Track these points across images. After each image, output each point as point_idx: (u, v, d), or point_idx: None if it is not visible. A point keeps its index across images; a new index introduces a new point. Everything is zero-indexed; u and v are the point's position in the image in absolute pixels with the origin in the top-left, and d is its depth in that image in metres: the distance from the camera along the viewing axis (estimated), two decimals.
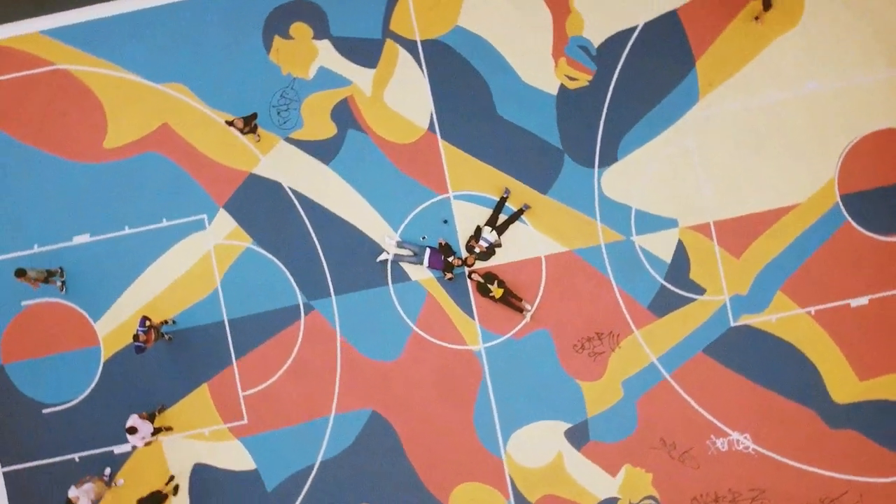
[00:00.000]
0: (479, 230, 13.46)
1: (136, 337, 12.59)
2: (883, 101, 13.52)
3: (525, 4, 13.82)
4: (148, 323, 12.82)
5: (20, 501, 13.71)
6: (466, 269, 13.56)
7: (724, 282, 13.54)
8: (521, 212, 13.60)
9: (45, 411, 13.79)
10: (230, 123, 13.06)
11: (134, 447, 13.69)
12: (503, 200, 13.58)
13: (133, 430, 12.62)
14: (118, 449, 13.73)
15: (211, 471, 13.73)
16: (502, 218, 13.58)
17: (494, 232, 13.42)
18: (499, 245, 13.52)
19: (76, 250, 13.87)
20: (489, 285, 13.23)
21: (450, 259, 13.26)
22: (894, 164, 13.44)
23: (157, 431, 13.24)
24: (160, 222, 13.83)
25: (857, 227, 13.49)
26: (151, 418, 13.21)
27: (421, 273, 13.72)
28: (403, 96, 13.86)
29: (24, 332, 13.81)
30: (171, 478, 13.69)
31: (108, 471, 13.68)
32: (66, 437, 13.77)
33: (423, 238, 13.74)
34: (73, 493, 12.68)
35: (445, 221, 13.78)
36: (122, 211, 13.87)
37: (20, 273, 12.77)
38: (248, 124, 13.21)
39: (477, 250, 13.38)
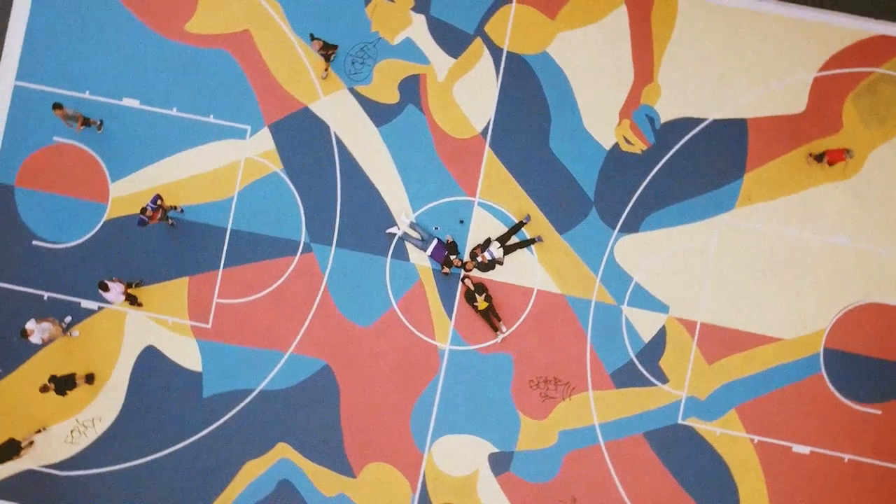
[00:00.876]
0: (488, 242, 13.88)
1: (143, 210, 13.06)
2: None
3: (615, 57, 14.21)
4: (159, 202, 13.29)
5: None
6: (462, 272, 14.00)
7: (687, 380, 13.96)
8: (532, 241, 14.02)
9: (34, 242, 14.25)
10: (312, 37, 13.54)
11: (100, 307, 14.15)
12: (521, 224, 14.01)
13: (105, 288, 13.08)
14: (86, 303, 14.19)
15: (160, 357, 14.19)
16: (514, 240, 14.01)
17: (502, 249, 13.84)
18: (500, 263, 13.94)
19: (121, 110, 14.32)
20: (477, 295, 13.66)
21: (451, 257, 13.70)
22: (884, 339, 13.86)
23: (129, 299, 13.71)
24: (207, 116, 14.28)
25: (828, 382, 13.90)
26: (127, 286, 13.66)
27: (420, 258, 14.16)
28: (471, 95, 14.27)
29: (45, 165, 14.27)
30: (91, 375, 14.18)
31: (68, 319, 14.15)
32: (43, 274, 14.23)
33: (436, 228, 14.16)
34: (30, 325, 13.18)
35: (462, 222, 14.21)
36: (176, 92, 14.31)
37: (57, 106, 13.18)
38: (326, 50, 13.69)
39: (479, 259, 13.79)
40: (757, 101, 14.13)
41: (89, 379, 14.06)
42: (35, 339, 13.18)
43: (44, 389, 13.08)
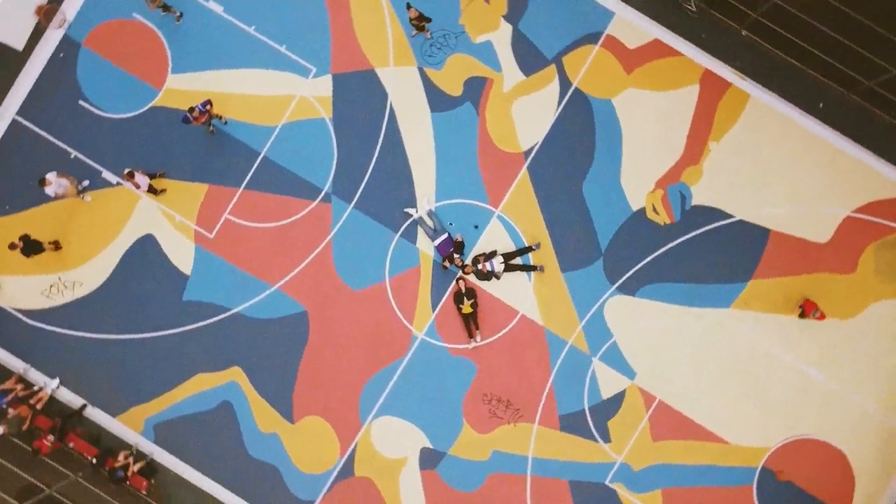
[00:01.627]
0: (493, 254, 14.26)
1: (191, 109, 13.51)
2: (853, 427, 14.30)
3: (671, 129, 14.55)
4: (208, 107, 13.73)
5: (15, 149, 14.71)
6: (460, 273, 14.40)
7: (628, 448, 14.35)
8: (534, 268, 14.42)
9: (80, 102, 14.66)
10: (409, 6, 13.94)
11: (118, 182, 14.57)
12: (529, 249, 14.40)
13: (131, 177, 13.60)
14: (107, 174, 14.62)
15: (156, 248, 14.62)
16: (518, 261, 14.39)
17: (503, 265, 14.22)
18: (498, 277, 14.33)
19: (203, 11, 14.71)
20: (466, 299, 14.07)
21: (455, 255, 14.11)
22: (820, 478, 14.25)
23: (151, 191, 14.17)
24: (280, 45, 14.67)
25: (755, 497, 14.28)
26: (150, 176, 14.09)
27: (426, 246, 14.56)
28: (528, 114, 14.63)
29: (117, 35, 14.68)
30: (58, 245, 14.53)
31: (86, 182, 14.56)
32: (78, 134, 14.64)
33: (451, 224, 14.54)
34: (50, 176, 13.67)
35: (476, 227, 14.58)
36: (261, 12, 14.68)
37: None
38: (420, 21, 14.07)
39: (479, 267, 14.17)
40: (786, 217, 14.47)
41: (56, 246, 14.44)
42: (50, 190, 13.67)
43: (12, 247, 13.57)
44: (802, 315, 14.02)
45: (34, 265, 14.50)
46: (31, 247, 13.87)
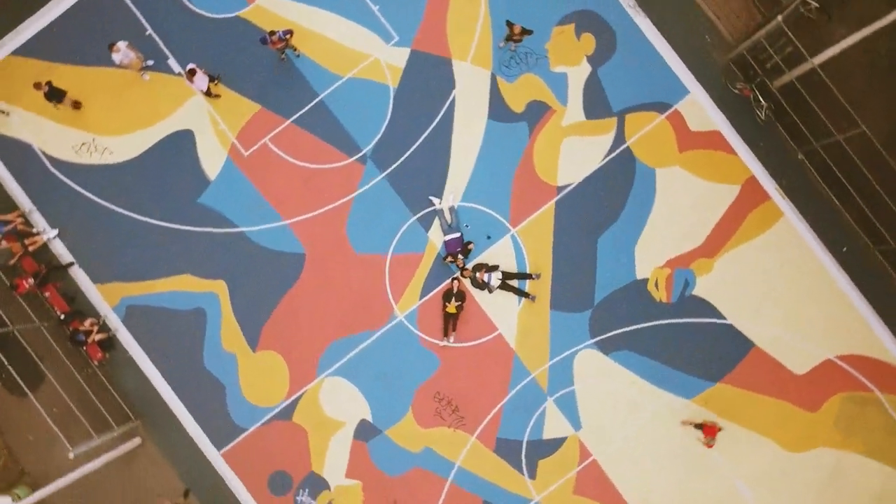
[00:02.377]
0: (494, 268, 14.64)
1: (272, 33, 13.98)
2: None
3: (699, 218, 14.93)
4: (288, 36, 14.15)
5: (99, 7, 15.15)
6: (457, 274, 14.81)
7: (548, 492, 14.73)
8: (526, 295, 14.82)
9: None
10: (509, 23, 14.48)
11: (179, 73, 14.99)
12: (529, 276, 14.82)
13: (192, 73, 14.00)
14: (173, 62, 15.05)
15: (190, 145, 15.07)
16: (514, 283, 14.79)
17: (500, 282, 14.62)
18: (490, 291, 14.74)
19: None
20: (454, 299, 14.48)
21: (459, 256, 14.54)
22: None
23: (208, 93, 14.65)
24: (374, 4, 15.10)
25: None
26: (210, 79, 14.49)
27: (437, 237, 14.97)
28: (574, 154, 15.02)
29: None
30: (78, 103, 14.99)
31: (150, 62, 15.00)
32: (160, 14, 15.14)
33: (466, 226, 14.94)
34: (122, 44, 14.15)
35: (489, 237, 15.00)
36: None
37: None
38: (521, 34, 14.47)
39: (477, 275, 14.59)
40: (774, 339, 14.80)
41: (76, 105, 14.96)
42: (116, 57, 14.12)
43: (37, 86, 14.08)
44: (698, 427, 14.39)
45: (74, 120, 14.99)
46: (55, 93, 14.35)
